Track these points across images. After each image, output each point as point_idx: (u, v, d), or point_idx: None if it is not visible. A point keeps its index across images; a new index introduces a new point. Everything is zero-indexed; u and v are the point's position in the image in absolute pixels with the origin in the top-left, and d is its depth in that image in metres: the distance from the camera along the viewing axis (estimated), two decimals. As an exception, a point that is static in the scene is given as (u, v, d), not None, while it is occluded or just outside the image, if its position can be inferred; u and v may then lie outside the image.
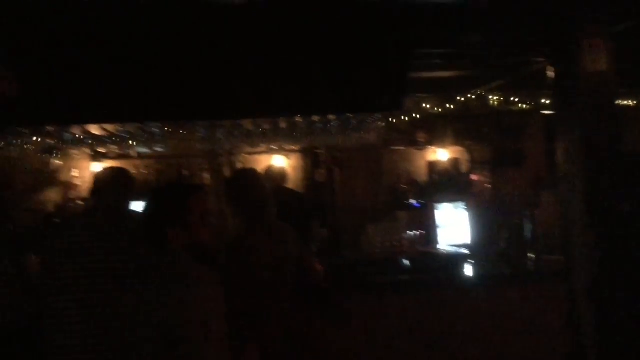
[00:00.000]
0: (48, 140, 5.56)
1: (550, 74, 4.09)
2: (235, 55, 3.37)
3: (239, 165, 6.96)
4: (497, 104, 6.75)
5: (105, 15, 2.94)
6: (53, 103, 3.19)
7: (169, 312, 2.25)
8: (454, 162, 7.83)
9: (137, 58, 3.21)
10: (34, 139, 5.46)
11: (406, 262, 5.38)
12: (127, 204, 3.31)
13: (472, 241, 5.67)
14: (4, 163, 5.70)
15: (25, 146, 5.51)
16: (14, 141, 5.53)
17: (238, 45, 3.34)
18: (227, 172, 6.65)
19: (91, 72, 3.19)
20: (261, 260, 3.36)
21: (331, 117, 5.81)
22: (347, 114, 5.64)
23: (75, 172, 6.54)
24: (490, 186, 7.32)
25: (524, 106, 6.81)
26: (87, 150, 6.17)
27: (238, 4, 2.89)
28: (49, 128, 5.09)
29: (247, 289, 3.30)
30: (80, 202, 6.16)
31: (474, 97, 6.67)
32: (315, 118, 5.88)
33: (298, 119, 5.82)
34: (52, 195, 5.81)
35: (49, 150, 5.77)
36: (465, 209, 6.16)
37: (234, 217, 3.69)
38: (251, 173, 3.74)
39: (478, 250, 5.36)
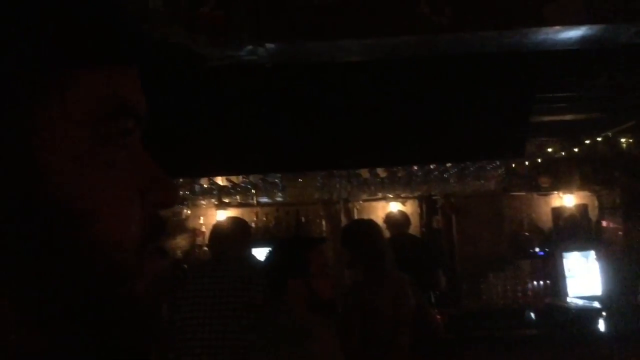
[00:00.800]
0: (180, 192, 5.95)
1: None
2: (355, 107, 3.46)
3: (356, 212, 7.02)
4: (628, 146, 6.37)
5: (226, 77, 3.14)
6: (187, 157, 3.44)
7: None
8: (581, 208, 7.41)
9: (261, 116, 3.39)
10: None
11: (531, 314, 5.12)
12: (246, 252, 3.43)
13: (604, 293, 5.32)
14: None
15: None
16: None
17: (358, 97, 3.43)
18: (343, 220, 6.73)
19: (220, 131, 3.42)
20: (378, 310, 3.35)
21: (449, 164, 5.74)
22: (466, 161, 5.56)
23: (201, 220, 6.91)
24: (622, 233, 6.85)
25: (658, 148, 6.37)
26: (213, 200, 6.52)
27: (356, 61, 2.98)
28: (181, 180, 5.44)
29: (364, 340, 3.29)
30: (205, 249, 6.48)
31: (602, 139, 6.35)
32: (432, 165, 5.84)
33: (415, 167, 5.81)
34: (182, 242, 6.16)
35: (181, 201, 6.16)
36: (596, 257, 5.81)
37: (351, 267, 3.72)
38: (369, 224, 3.77)
39: (611, 303, 5.01)
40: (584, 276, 5.73)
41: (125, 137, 0.55)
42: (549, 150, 6.64)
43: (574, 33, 2.46)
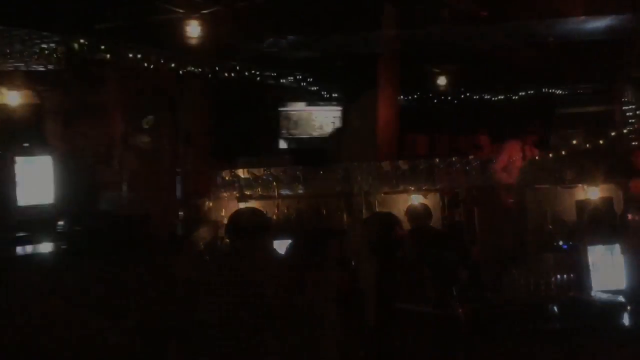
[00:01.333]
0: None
1: None
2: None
3: (377, 205, 7.02)
4: (655, 139, 6.28)
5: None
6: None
7: (303, 351, 2.31)
8: (606, 201, 7.32)
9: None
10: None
11: (555, 308, 5.08)
12: (264, 243, 3.44)
13: (629, 287, 5.26)
14: None
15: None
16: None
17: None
18: (365, 212, 6.74)
19: (242, 128, 3.44)
20: (397, 302, 3.36)
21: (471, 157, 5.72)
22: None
23: (223, 212, 6.96)
24: (648, 227, 6.75)
25: (686, 140, 6.27)
26: (235, 193, 6.58)
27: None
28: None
29: (382, 331, 3.30)
30: (227, 240, 6.51)
31: (627, 131, 6.28)
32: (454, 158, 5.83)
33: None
34: (204, 234, 6.24)
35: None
36: (621, 251, 5.73)
37: (370, 259, 3.73)
38: (389, 217, 3.78)
39: (636, 297, 4.96)
40: (608, 270, 5.66)
41: (164, 127, 0.55)
42: (574, 142, 6.58)
43: (600, 23, 2.43)
